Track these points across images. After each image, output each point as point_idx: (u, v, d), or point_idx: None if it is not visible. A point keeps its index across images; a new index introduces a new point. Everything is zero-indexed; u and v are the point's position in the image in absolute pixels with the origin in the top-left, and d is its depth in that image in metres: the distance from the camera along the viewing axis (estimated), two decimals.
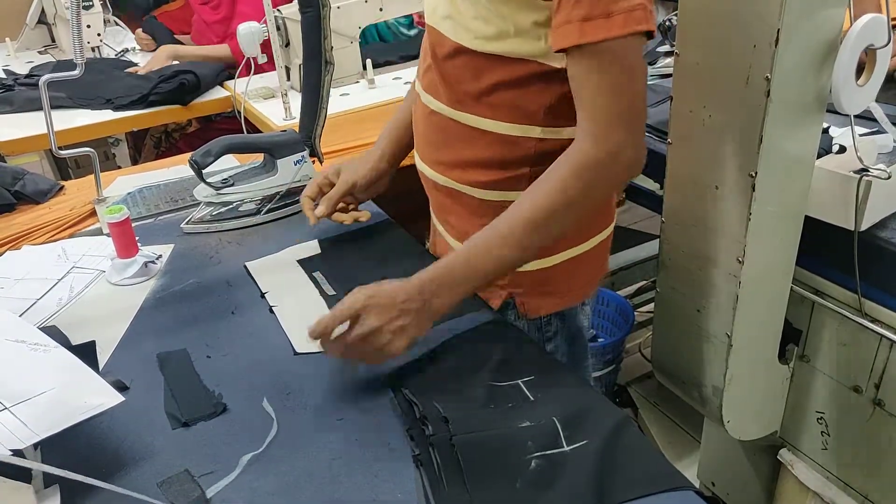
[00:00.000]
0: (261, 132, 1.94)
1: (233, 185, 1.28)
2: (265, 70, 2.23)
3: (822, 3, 0.93)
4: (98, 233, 1.31)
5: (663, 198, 1.17)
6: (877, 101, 1.09)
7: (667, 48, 1.89)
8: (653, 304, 1.30)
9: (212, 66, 2.25)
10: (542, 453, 0.76)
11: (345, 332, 0.84)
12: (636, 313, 2.09)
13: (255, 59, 1.98)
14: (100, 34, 2.54)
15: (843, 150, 1.11)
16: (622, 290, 2.22)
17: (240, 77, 2.04)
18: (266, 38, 1.95)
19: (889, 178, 1.05)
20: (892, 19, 1.06)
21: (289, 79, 2.08)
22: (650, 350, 1.36)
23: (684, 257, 1.16)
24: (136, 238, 1.15)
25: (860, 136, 1.08)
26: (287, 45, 2.07)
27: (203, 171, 1.24)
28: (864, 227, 1.09)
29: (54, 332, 0.98)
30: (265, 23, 1.90)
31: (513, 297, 1.05)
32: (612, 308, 2.09)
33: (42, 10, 2.74)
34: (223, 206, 1.28)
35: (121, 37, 2.88)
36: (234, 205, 1.28)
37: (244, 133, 1.96)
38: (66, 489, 0.75)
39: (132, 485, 0.74)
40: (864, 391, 1.17)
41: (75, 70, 1.16)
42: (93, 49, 2.56)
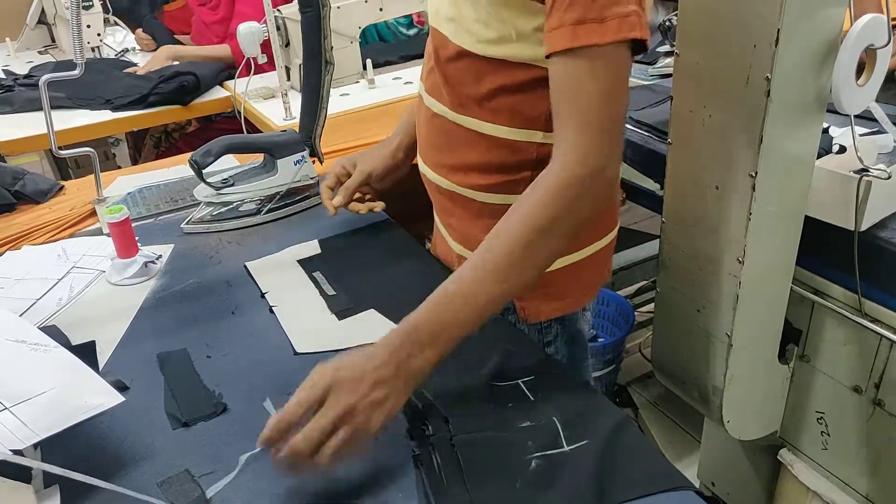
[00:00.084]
0: (261, 132, 1.94)
1: (233, 185, 1.28)
2: (265, 70, 2.23)
3: (822, 3, 0.93)
4: (98, 233, 1.31)
5: (663, 198, 1.17)
6: (877, 101, 1.09)
7: (667, 48, 1.89)
8: (653, 304, 1.30)
9: (211, 66, 2.25)
10: (542, 453, 0.76)
11: (312, 424, 0.70)
12: (636, 313, 2.09)
13: (255, 59, 1.98)
14: (100, 34, 2.54)
15: (843, 150, 1.11)
16: (622, 290, 2.22)
17: (240, 77, 2.04)
18: (266, 38, 1.94)
19: (889, 178, 1.05)
20: (892, 19, 1.06)
21: (289, 79, 2.08)
22: (650, 350, 1.36)
23: (684, 257, 1.16)
24: (136, 238, 1.15)
25: (860, 136, 1.08)
26: (287, 45, 2.07)
27: (203, 171, 1.24)
28: (864, 227, 1.09)
29: (54, 332, 0.98)
30: (265, 23, 1.90)
31: (512, 301, 1.04)
32: (612, 308, 2.10)
33: (42, 10, 2.74)
34: (223, 206, 1.28)
35: (121, 37, 2.89)
36: (234, 205, 1.28)
37: (244, 133, 1.96)
38: (66, 489, 0.75)
39: (132, 485, 0.74)
40: (864, 391, 1.17)
41: (75, 70, 1.16)
42: (93, 49, 2.56)
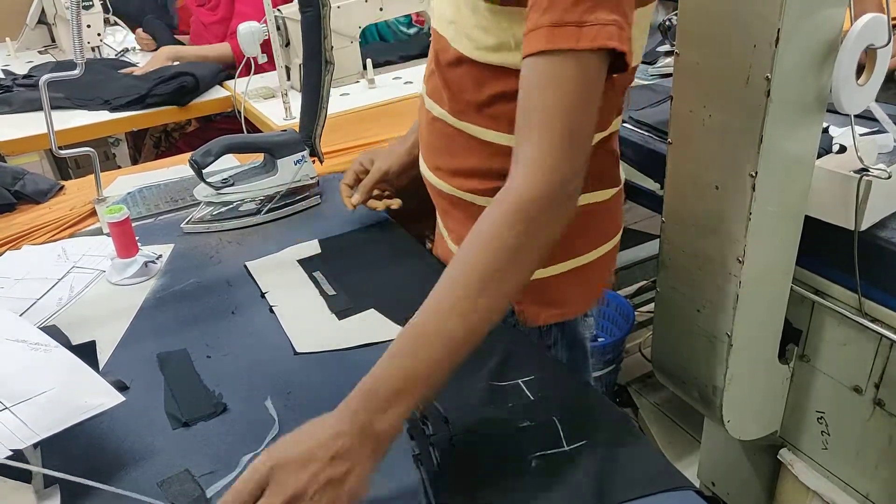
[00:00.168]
0: (261, 132, 1.94)
1: (233, 184, 1.28)
2: (265, 70, 2.23)
3: (822, 3, 0.93)
4: (98, 233, 1.31)
5: (663, 198, 1.17)
6: (877, 101, 1.09)
7: (667, 48, 1.90)
8: (653, 304, 1.30)
9: (210, 66, 2.24)
10: (542, 453, 0.76)
11: None
12: (636, 313, 2.09)
13: (255, 58, 1.98)
14: (100, 34, 2.54)
15: (843, 149, 1.11)
16: (622, 290, 2.22)
17: (240, 77, 2.04)
18: (266, 37, 1.94)
19: (889, 177, 1.05)
20: (893, 19, 1.06)
21: (289, 79, 2.08)
22: (650, 350, 1.36)
23: (684, 257, 1.16)
24: (136, 238, 1.15)
25: (860, 135, 1.08)
26: (287, 44, 2.07)
27: (203, 171, 1.24)
28: (864, 227, 1.09)
29: (54, 332, 0.98)
30: (265, 22, 1.89)
31: (512, 305, 1.04)
32: (613, 308, 2.10)
33: (42, 10, 2.74)
34: (223, 205, 1.28)
35: (121, 37, 2.89)
36: (234, 205, 1.28)
37: (244, 133, 1.96)
38: (65, 489, 0.75)
39: (132, 485, 0.74)
40: (864, 391, 1.17)
41: (75, 70, 1.16)
42: (93, 49, 2.56)
